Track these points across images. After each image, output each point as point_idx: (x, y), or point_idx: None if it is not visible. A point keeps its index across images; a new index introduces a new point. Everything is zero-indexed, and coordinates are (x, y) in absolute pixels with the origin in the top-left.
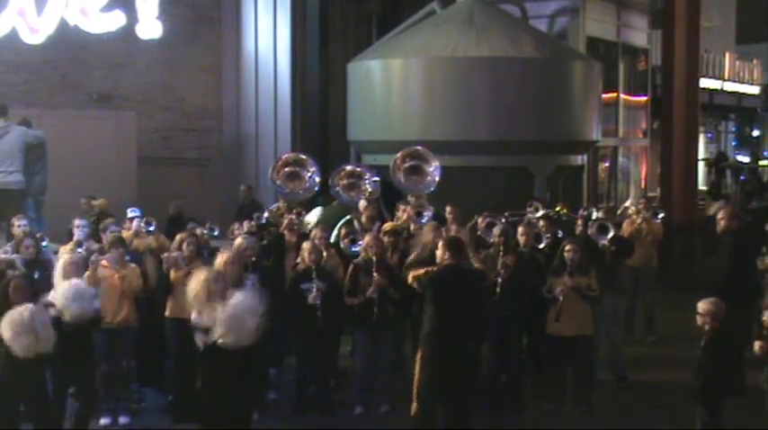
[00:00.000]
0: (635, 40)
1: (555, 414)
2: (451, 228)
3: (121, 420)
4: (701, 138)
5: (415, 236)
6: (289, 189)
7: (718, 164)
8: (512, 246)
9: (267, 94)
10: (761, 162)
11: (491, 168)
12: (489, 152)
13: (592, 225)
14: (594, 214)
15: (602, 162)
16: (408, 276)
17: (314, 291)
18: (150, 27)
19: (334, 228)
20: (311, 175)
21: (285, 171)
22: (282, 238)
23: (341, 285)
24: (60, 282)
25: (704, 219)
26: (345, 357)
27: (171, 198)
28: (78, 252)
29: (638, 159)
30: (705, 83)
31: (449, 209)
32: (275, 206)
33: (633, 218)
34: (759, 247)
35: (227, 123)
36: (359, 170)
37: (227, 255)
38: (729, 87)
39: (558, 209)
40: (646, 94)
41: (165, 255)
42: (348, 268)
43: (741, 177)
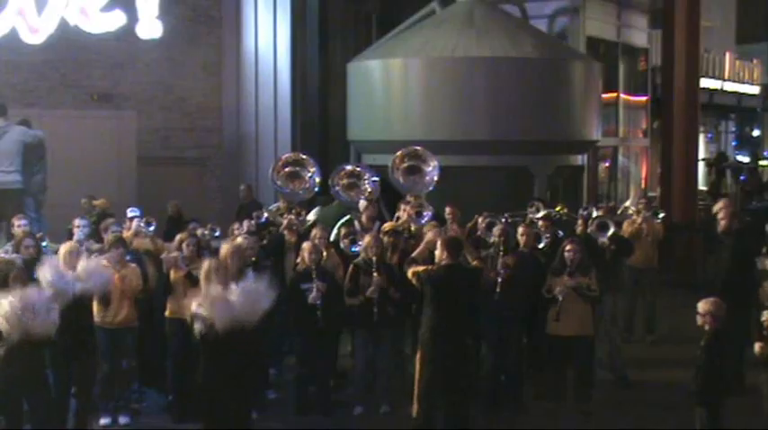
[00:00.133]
0: (635, 39)
1: (555, 414)
2: (451, 228)
3: (121, 420)
4: (701, 138)
5: (417, 236)
6: (289, 189)
7: (719, 164)
8: (512, 246)
9: (267, 94)
10: (761, 162)
11: (491, 168)
12: (489, 152)
13: (592, 222)
14: (594, 214)
15: (602, 162)
16: (408, 271)
17: (314, 291)
18: (150, 27)
19: (334, 227)
20: (311, 175)
21: (285, 171)
22: (282, 238)
23: (341, 285)
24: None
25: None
26: (345, 357)
27: (171, 198)
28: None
29: (638, 159)
30: (705, 83)
31: (448, 209)
32: (275, 206)
33: (633, 218)
34: (759, 247)
35: (227, 123)
36: (358, 170)
37: (231, 246)
38: (729, 87)
39: (559, 209)
40: (646, 94)
41: (165, 255)
42: (348, 268)
43: (741, 177)
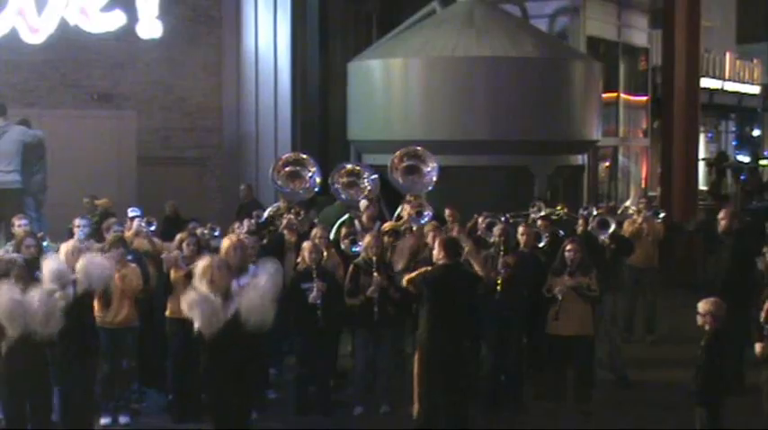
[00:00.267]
0: (635, 39)
1: (555, 414)
2: (452, 228)
3: (122, 420)
4: (701, 138)
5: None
6: (289, 189)
7: (719, 164)
8: (512, 245)
9: (267, 94)
10: (761, 162)
11: (491, 168)
12: (489, 152)
13: (592, 220)
14: (594, 213)
15: (602, 162)
16: (403, 281)
17: (314, 290)
18: (150, 27)
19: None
20: (312, 175)
21: (286, 170)
22: (282, 238)
23: (341, 285)
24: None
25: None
26: (345, 357)
27: (171, 198)
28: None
29: (638, 159)
30: (705, 82)
31: (448, 211)
32: (276, 206)
33: (634, 217)
34: (759, 247)
35: (227, 123)
36: (358, 169)
37: (231, 241)
38: (729, 87)
39: (559, 209)
40: (646, 94)
41: (165, 254)
42: (348, 268)
43: (741, 177)
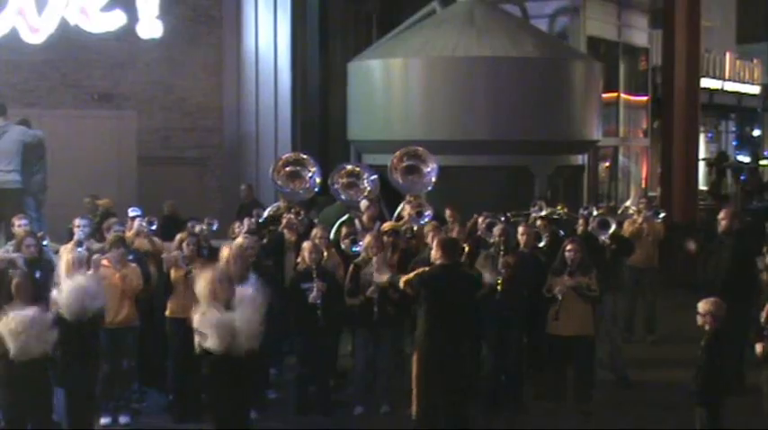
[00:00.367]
0: (636, 39)
1: (555, 414)
2: (452, 229)
3: (122, 420)
4: (701, 138)
5: (418, 236)
6: (289, 189)
7: (719, 164)
8: (512, 245)
9: (267, 94)
10: (761, 162)
11: (491, 168)
12: (489, 152)
13: (593, 220)
14: (595, 213)
15: (602, 162)
16: (400, 283)
17: (314, 290)
18: (151, 26)
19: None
20: (312, 175)
21: (286, 170)
22: (282, 238)
23: (341, 285)
24: (64, 280)
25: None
26: (345, 357)
27: (171, 198)
28: (79, 251)
29: (638, 159)
30: (705, 82)
31: (449, 212)
32: (275, 205)
33: (634, 217)
34: (759, 247)
35: (227, 123)
36: (358, 169)
37: (231, 250)
38: (730, 87)
39: (560, 208)
40: (646, 94)
41: (166, 254)
42: (348, 268)
43: (741, 177)
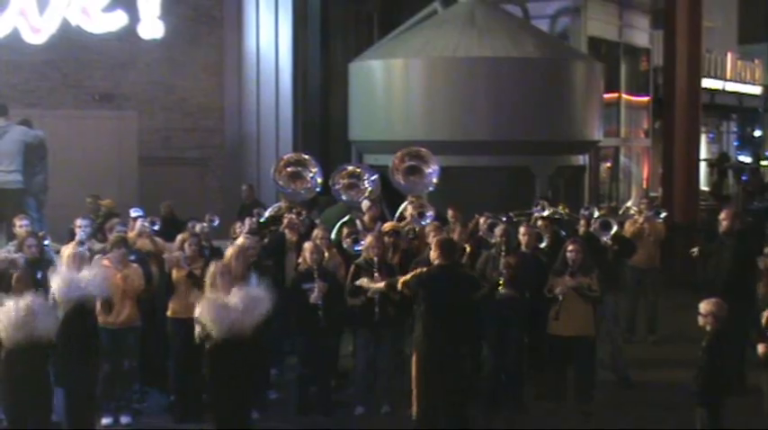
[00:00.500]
0: (637, 40)
1: (555, 414)
2: (454, 230)
3: (123, 420)
4: (702, 139)
5: (420, 236)
6: (291, 189)
7: (721, 164)
8: (513, 246)
9: (269, 94)
10: (762, 162)
11: (492, 168)
12: (490, 152)
13: (594, 221)
14: (596, 214)
15: (603, 162)
16: (398, 284)
17: (315, 291)
18: (152, 27)
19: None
20: (313, 176)
21: (287, 171)
22: (283, 238)
23: (342, 285)
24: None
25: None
26: (346, 357)
27: (172, 198)
28: (80, 250)
29: (639, 159)
30: (707, 83)
31: (451, 212)
32: (277, 206)
33: (635, 218)
34: (761, 248)
35: (228, 123)
36: (359, 170)
37: (234, 248)
38: (731, 87)
39: (561, 209)
40: (647, 95)
41: (167, 255)
42: (350, 268)
43: (743, 178)
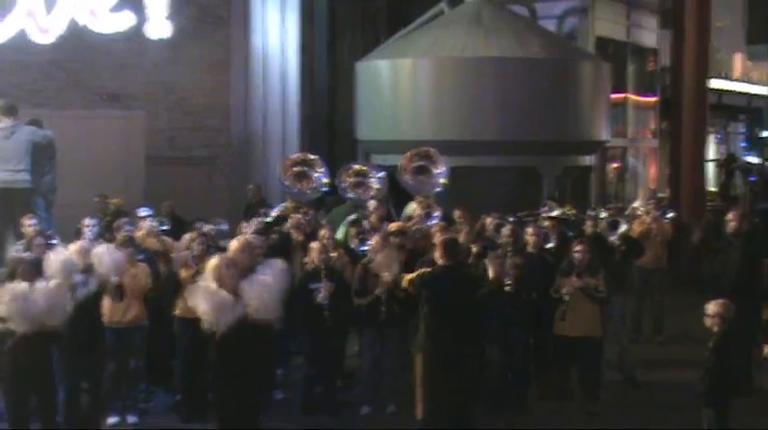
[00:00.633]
0: (644, 40)
1: (560, 414)
2: (460, 230)
3: (129, 419)
4: (710, 139)
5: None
6: (297, 189)
7: (728, 165)
8: (520, 246)
9: (275, 93)
10: None
11: (499, 169)
12: (497, 152)
13: (602, 221)
14: (603, 214)
15: (610, 162)
16: (404, 281)
17: (322, 290)
18: (159, 27)
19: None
20: (320, 175)
21: (294, 171)
22: (289, 238)
23: (349, 285)
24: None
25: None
26: (352, 357)
27: (179, 198)
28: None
29: (646, 160)
30: (714, 83)
31: (458, 212)
32: (283, 206)
33: (643, 218)
34: None
35: (235, 122)
36: (365, 169)
37: (240, 242)
38: (739, 88)
39: (568, 209)
40: (655, 95)
41: (175, 254)
42: (356, 267)
43: (750, 178)
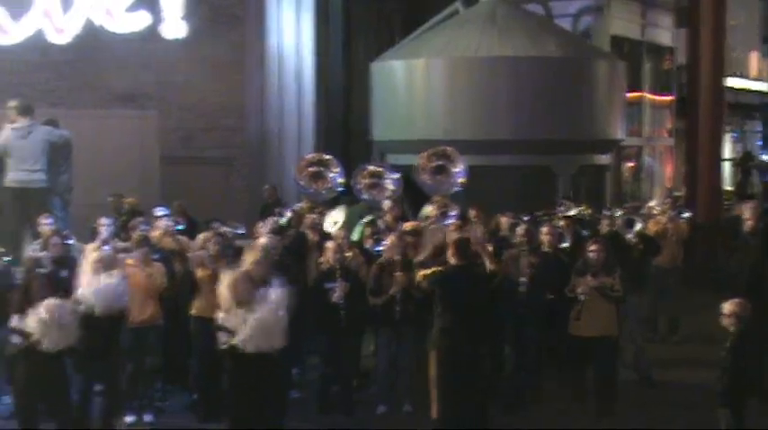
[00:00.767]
0: (660, 38)
1: (573, 413)
2: (474, 229)
3: (146, 418)
4: (726, 138)
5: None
6: (312, 189)
7: (745, 163)
8: (534, 246)
9: (290, 93)
10: None
11: (514, 168)
12: (512, 151)
13: (618, 219)
14: (618, 214)
15: (626, 162)
16: (418, 274)
17: (337, 290)
18: (175, 26)
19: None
20: (335, 176)
21: (309, 171)
22: (304, 238)
23: (364, 285)
24: (88, 278)
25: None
26: (368, 357)
27: (194, 198)
28: (105, 250)
29: (663, 159)
30: (731, 82)
31: (473, 212)
32: (298, 206)
33: (659, 217)
34: None
35: (250, 122)
36: (380, 170)
37: (255, 254)
38: (755, 86)
39: (583, 208)
40: (671, 94)
41: (191, 254)
42: (371, 267)
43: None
